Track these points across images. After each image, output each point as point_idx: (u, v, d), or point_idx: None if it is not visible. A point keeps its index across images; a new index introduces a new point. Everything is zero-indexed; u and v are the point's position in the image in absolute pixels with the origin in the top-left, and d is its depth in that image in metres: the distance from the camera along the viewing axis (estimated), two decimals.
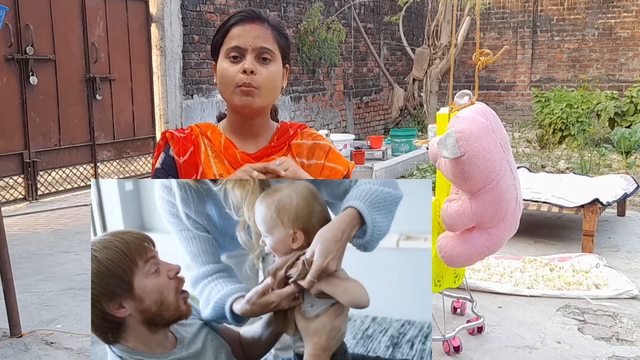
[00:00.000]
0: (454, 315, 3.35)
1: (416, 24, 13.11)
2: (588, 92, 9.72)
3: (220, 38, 1.50)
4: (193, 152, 1.52)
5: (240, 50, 1.45)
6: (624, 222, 5.26)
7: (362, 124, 11.51)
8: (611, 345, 2.99)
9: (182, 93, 7.44)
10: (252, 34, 1.46)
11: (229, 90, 1.46)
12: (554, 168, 7.48)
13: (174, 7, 7.21)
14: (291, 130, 1.58)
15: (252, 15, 1.48)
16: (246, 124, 1.53)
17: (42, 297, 3.67)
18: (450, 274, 3.04)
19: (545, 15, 12.75)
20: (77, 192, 6.45)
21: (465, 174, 2.27)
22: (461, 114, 2.35)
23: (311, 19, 9.40)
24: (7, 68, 5.67)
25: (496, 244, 2.45)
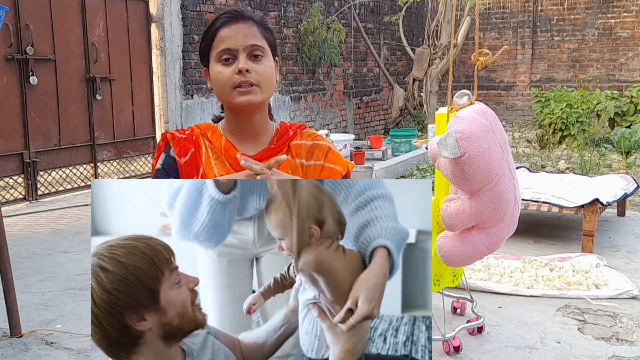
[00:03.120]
0: (454, 315, 3.35)
1: (416, 24, 13.11)
2: (588, 92, 9.72)
3: (208, 43, 1.49)
4: (194, 153, 1.51)
5: (232, 51, 1.45)
6: (624, 222, 5.26)
7: (362, 124, 11.52)
8: (611, 345, 2.99)
9: (182, 93, 7.44)
10: (240, 33, 1.45)
11: (226, 93, 1.46)
12: (554, 168, 7.48)
13: (174, 7, 7.22)
14: (290, 131, 1.57)
15: (236, 15, 1.47)
16: (245, 123, 1.53)
17: (42, 297, 3.67)
18: (449, 274, 3.05)
19: (545, 15, 12.75)
20: (77, 192, 6.45)
21: (465, 174, 2.27)
22: (461, 114, 2.35)
23: (311, 19, 9.40)
24: (7, 68, 5.67)
25: (495, 243, 2.45)
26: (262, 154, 1.52)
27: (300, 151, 1.54)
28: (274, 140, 1.55)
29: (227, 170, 1.49)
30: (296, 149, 1.54)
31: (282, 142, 1.55)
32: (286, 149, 1.54)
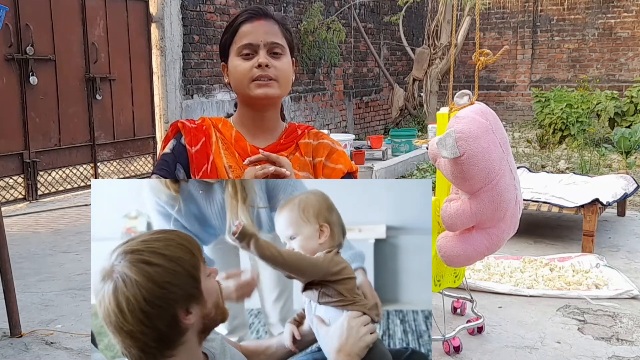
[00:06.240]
0: (454, 315, 3.35)
1: (416, 24, 13.11)
2: (588, 92, 9.72)
3: (230, 37, 1.52)
4: (204, 142, 1.53)
5: (252, 46, 1.48)
6: (624, 222, 5.26)
7: (362, 124, 11.52)
8: (611, 345, 2.99)
9: (182, 93, 7.44)
10: (262, 30, 1.49)
11: (244, 85, 1.48)
12: (554, 168, 7.48)
13: (174, 7, 7.21)
14: (299, 130, 1.61)
15: (259, 12, 1.51)
16: (258, 117, 1.55)
17: (42, 297, 3.67)
18: (450, 274, 3.04)
19: (545, 15, 12.75)
20: (77, 192, 6.45)
21: (465, 174, 2.26)
22: (460, 114, 2.35)
23: (311, 19, 9.40)
24: (7, 68, 5.67)
25: (495, 243, 2.45)
26: (270, 148, 1.54)
27: (308, 150, 1.58)
28: (283, 137, 1.58)
29: (236, 161, 1.51)
30: (304, 147, 1.58)
31: (291, 139, 1.58)
32: (294, 146, 1.57)
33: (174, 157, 1.53)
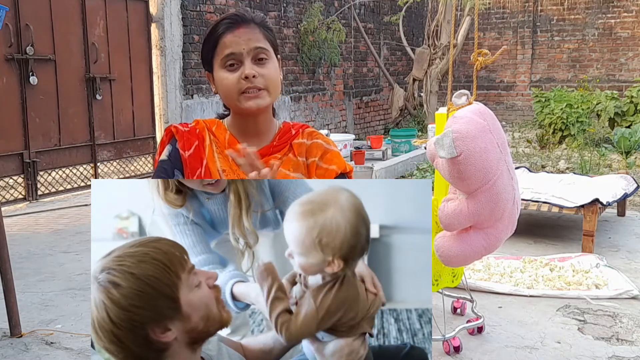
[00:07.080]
0: (454, 315, 3.35)
1: (416, 24, 13.11)
2: (588, 92, 9.72)
3: (211, 49, 1.48)
4: (198, 146, 1.52)
5: (236, 56, 1.45)
6: (624, 222, 5.26)
7: (362, 124, 11.52)
8: (611, 345, 2.99)
9: (182, 93, 7.45)
10: (243, 37, 1.45)
11: (233, 98, 1.46)
12: (554, 168, 7.48)
13: (174, 7, 7.22)
14: (293, 130, 1.59)
15: (237, 20, 1.47)
16: (250, 122, 1.54)
17: (42, 297, 3.67)
18: (448, 274, 3.04)
19: (545, 15, 12.74)
20: (77, 192, 6.45)
21: (462, 174, 2.26)
22: (458, 114, 2.35)
23: (311, 19, 9.40)
24: (7, 68, 5.67)
25: (493, 244, 2.45)
26: (264, 151, 1.53)
27: (302, 150, 1.55)
28: (277, 138, 1.56)
29: (230, 164, 1.51)
30: (298, 148, 1.55)
31: (284, 140, 1.56)
32: (288, 147, 1.55)
33: (171, 163, 1.52)
